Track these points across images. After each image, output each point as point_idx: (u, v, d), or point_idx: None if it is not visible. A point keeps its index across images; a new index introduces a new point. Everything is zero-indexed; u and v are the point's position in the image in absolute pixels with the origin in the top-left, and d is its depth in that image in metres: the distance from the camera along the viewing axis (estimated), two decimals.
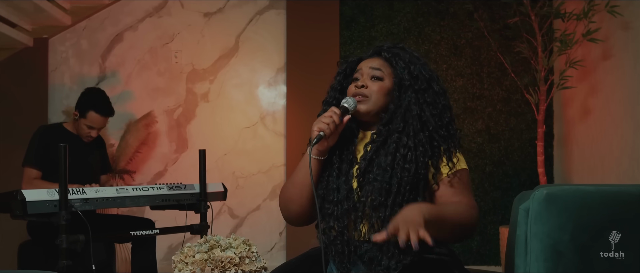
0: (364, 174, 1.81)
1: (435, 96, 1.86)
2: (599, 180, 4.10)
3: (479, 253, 4.77)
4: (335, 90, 1.98)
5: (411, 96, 1.83)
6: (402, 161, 1.77)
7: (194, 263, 1.57)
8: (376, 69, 1.89)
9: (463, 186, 1.81)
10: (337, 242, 1.81)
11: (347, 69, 1.98)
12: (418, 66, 1.88)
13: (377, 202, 1.75)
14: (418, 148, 1.78)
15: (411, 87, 1.84)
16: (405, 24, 4.89)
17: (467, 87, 4.86)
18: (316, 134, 1.78)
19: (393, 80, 1.88)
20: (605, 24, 3.98)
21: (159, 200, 2.93)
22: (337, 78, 1.99)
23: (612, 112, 3.98)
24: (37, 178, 3.38)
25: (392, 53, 1.90)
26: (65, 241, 2.45)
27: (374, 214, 1.76)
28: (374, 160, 1.81)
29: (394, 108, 1.84)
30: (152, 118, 4.96)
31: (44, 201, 2.47)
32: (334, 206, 1.83)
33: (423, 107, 1.83)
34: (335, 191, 1.84)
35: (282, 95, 5.00)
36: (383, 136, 1.83)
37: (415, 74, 1.85)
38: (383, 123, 1.85)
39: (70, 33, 5.01)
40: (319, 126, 1.78)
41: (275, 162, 4.97)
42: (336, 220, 1.82)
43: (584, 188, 1.70)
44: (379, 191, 1.75)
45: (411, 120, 1.81)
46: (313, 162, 1.82)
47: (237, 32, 5.03)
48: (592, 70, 4.23)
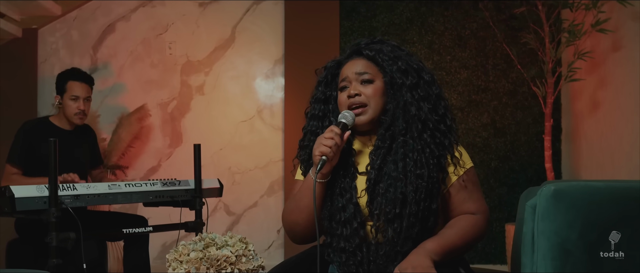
0: (374, 185, 1.78)
1: (427, 87, 1.83)
2: (608, 176, 4.10)
3: (484, 252, 4.77)
4: (319, 101, 1.93)
5: (406, 94, 1.80)
6: (413, 167, 1.74)
7: (189, 262, 1.57)
8: (363, 73, 1.84)
9: (473, 188, 1.84)
10: (350, 263, 1.78)
11: (328, 76, 1.94)
12: (404, 58, 1.85)
13: (392, 214, 1.73)
14: (425, 150, 1.76)
15: (404, 85, 1.81)
16: (408, 14, 4.88)
17: (472, 79, 4.85)
18: (319, 159, 1.74)
19: (383, 79, 1.84)
20: (615, 14, 3.97)
21: (153, 197, 2.93)
22: (318, 88, 1.95)
23: (622, 105, 3.97)
24: (16, 174, 3.37)
25: (373, 50, 1.86)
26: (55, 239, 2.45)
27: (390, 227, 1.73)
28: (382, 169, 1.78)
29: (392, 107, 1.81)
30: (145, 112, 4.95)
31: (33, 198, 2.46)
32: (342, 227, 1.80)
33: (420, 104, 1.79)
34: (341, 210, 1.80)
35: (280, 88, 4.99)
36: (387, 141, 1.80)
37: (403, 69, 1.82)
38: (385, 127, 1.81)
39: (61, 23, 4.99)
40: (321, 151, 1.74)
41: (272, 157, 4.97)
42: (346, 241, 1.78)
43: (593, 184, 1.70)
44: (392, 202, 1.73)
45: (412, 121, 1.78)
46: (317, 186, 1.79)
47: (234, 23, 5.02)
48: (602, 62, 4.22)
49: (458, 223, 1.79)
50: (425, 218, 1.75)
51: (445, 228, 1.79)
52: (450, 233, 1.76)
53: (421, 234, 1.74)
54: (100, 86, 4.89)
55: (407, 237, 1.72)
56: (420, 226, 1.74)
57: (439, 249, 1.71)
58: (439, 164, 1.78)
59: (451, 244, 1.74)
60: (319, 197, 1.81)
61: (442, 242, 1.73)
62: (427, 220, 1.75)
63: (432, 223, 1.77)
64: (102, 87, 4.90)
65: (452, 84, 4.84)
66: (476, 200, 1.83)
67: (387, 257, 1.74)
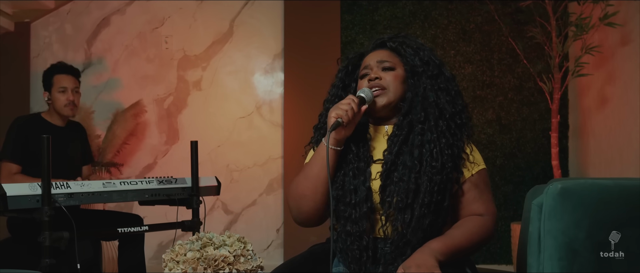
0: (389, 173, 1.79)
1: (447, 82, 1.88)
2: (617, 173, 4.10)
3: (489, 252, 4.77)
4: (337, 88, 1.97)
5: (426, 82, 1.85)
6: (429, 157, 1.76)
7: (186, 262, 1.57)
8: (384, 61, 1.89)
9: (484, 188, 1.86)
10: (354, 247, 1.80)
11: (349, 66, 1.98)
12: (426, 51, 1.90)
13: (403, 204, 1.74)
14: (441, 139, 1.79)
15: (425, 73, 1.85)
16: (411, 7, 4.87)
17: (477, 74, 4.85)
18: (333, 120, 1.75)
19: (404, 68, 1.88)
20: (624, 7, 3.96)
21: (148, 195, 2.93)
22: (338, 75, 1.99)
23: (630, 101, 3.97)
24: (17, 172, 3.38)
25: (397, 42, 1.92)
26: (49, 238, 2.44)
27: (400, 216, 1.75)
28: (399, 157, 1.80)
29: (411, 96, 1.85)
30: (141, 108, 4.95)
31: (25, 196, 2.45)
32: (351, 209, 1.80)
33: (438, 94, 1.84)
34: (353, 192, 1.81)
35: (279, 83, 4.99)
36: (405, 129, 1.82)
37: (425, 60, 1.87)
38: (403, 113, 1.84)
39: (54, 17, 4.99)
40: (337, 113, 1.76)
41: (272, 154, 4.97)
42: (354, 224, 1.79)
43: (601, 182, 1.69)
44: (405, 192, 1.75)
45: (430, 108, 1.82)
46: (330, 152, 1.78)
47: (232, 16, 5.01)
48: (610, 56, 4.22)
49: (465, 224, 1.80)
50: (436, 211, 1.76)
51: (452, 229, 1.80)
52: (456, 233, 1.77)
53: (431, 227, 1.76)
54: (95, 81, 4.88)
55: (417, 227, 1.74)
56: (432, 218, 1.75)
57: (445, 249, 1.72)
58: (453, 155, 1.79)
59: (457, 244, 1.75)
60: (332, 167, 1.80)
61: (448, 242, 1.74)
62: (439, 213, 1.77)
63: (443, 219, 1.79)
64: (96, 83, 4.90)
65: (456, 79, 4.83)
66: (485, 201, 1.85)
67: (395, 247, 1.75)
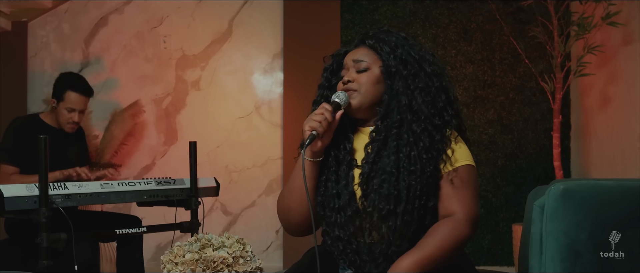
0: (368, 180, 1.78)
1: (427, 79, 1.82)
2: (619, 174, 4.10)
3: (490, 253, 4.77)
4: (323, 88, 1.97)
5: (399, 84, 1.81)
6: (406, 162, 1.74)
7: (184, 264, 1.57)
8: (359, 61, 1.87)
9: (461, 185, 1.76)
10: (348, 251, 1.80)
11: (334, 65, 1.98)
12: (406, 48, 1.85)
13: (386, 211, 1.72)
14: (418, 143, 1.76)
15: (398, 73, 1.82)
16: (411, 6, 4.87)
17: (478, 74, 4.85)
18: (308, 134, 1.76)
19: (381, 68, 1.86)
20: (626, 6, 3.96)
21: (147, 196, 2.93)
22: (324, 75, 1.99)
23: (633, 101, 3.97)
24: (15, 173, 3.38)
25: (375, 39, 1.89)
26: (46, 240, 2.45)
27: (384, 224, 1.73)
28: (376, 163, 1.79)
29: (387, 98, 1.83)
30: (139, 108, 4.95)
31: (22, 197, 2.46)
32: (336, 213, 1.81)
33: (414, 94, 1.80)
34: (336, 197, 1.82)
35: (278, 83, 4.99)
36: (382, 133, 1.81)
37: (402, 58, 1.83)
38: (380, 118, 1.83)
39: (51, 16, 4.99)
40: (311, 125, 1.76)
41: (271, 155, 4.97)
42: (341, 229, 1.80)
43: (604, 183, 1.69)
44: (386, 199, 1.73)
45: (404, 113, 1.79)
46: (308, 165, 1.81)
47: (231, 15, 5.01)
48: (612, 56, 4.22)
49: (435, 230, 1.70)
50: (421, 216, 1.74)
51: (424, 237, 1.71)
52: (427, 243, 1.68)
53: (418, 233, 1.73)
54: (93, 81, 4.85)
55: (402, 236, 1.72)
56: (417, 225, 1.73)
57: (414, 266, 1.63)
58: (433, 158, 1.76)
59: (428, 256, 1.65)
60: (312, 178, 1.82)
61: (418, 257, 1.64)
62: (424, 218, 1.75)
63: (429, 221, 1.76)
64: (94, 83, 4.87)
65: (457, 79, 4.83)
66: (462, 199, 1.74)
67: (384, 255, 1.74)
